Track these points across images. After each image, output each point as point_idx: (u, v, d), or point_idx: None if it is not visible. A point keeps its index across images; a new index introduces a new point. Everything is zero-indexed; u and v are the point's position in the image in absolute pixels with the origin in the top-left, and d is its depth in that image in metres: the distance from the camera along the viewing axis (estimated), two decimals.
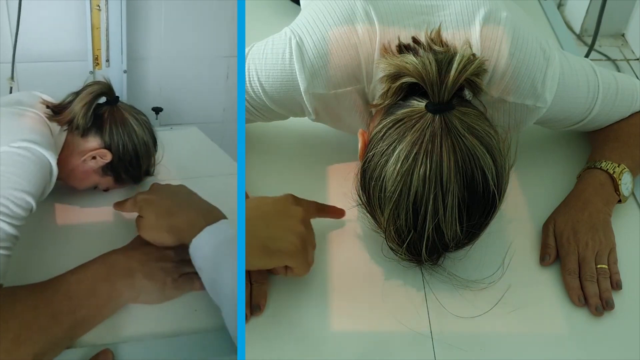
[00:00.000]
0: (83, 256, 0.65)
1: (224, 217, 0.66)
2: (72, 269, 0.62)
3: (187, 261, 0.65)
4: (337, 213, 0.78)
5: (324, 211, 0.77)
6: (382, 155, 0.63)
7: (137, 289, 0.64)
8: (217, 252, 0.61)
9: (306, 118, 0.81)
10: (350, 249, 0.77)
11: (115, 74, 1.42)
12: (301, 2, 0.89)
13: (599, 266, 0.72)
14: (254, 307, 0.69)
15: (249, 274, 0.72)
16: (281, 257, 0.66)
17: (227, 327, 0.58)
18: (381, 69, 0.67)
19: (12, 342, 0.52)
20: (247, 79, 0.78)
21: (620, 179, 0.79)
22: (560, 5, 2.18)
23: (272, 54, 0.75)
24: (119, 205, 0.76)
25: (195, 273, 0.65)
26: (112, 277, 0.63)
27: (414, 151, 0.60)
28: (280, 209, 0.70)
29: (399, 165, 0.61)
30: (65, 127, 0.82)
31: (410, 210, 0.61)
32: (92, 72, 1.41)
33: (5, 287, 0.58)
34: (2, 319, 0.53)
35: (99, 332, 0.61)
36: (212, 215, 0.66)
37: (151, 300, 0.65)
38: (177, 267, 0.67)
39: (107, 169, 0.85)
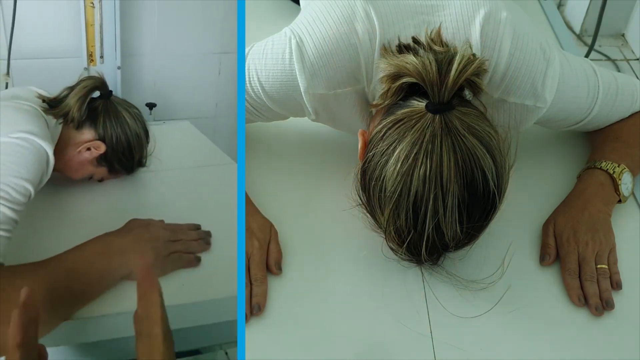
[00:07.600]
0: (79, 241, 0.69)
1: None
2: (69, 249, 0.67)
3: (176, 241, 0.74)
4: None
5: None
6: (382, 155, 0.63)
7: (130, 267, 0.68)
8: None
9: (306, 118, 0.81)
10: (351, 249, 0.77)
11: (109, 70, 1.44)
12: (301, 2, 0.89)
13: (599, 266, 0.72)
14: (254, 307, 0.69)
15: (249, 273, 0.72)
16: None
17: None
18: (381, 69, 0.67)
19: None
20: (247, 79, 0.78)
21: (620, 179, 0.79)
22: (560, 5, 2.18)
23: (272, 54, 0.75)
24: None
25: (183, 252, 0.74)
26: (107, 254, 0.68)
27: (414, 151, 0.60)
28: None
29: (399, 165, 0.61)
30: (60, 120, 0.85)
31: (410, 210, 0.61)
32: (86, 69, 1.42)
33: (7, 265, 0.63)
34: (3, 291, 0.57)
35: (94, 307, 0.66)
36: None
37: None
38: (167, 247, 0.73)
39: (102, 159, 0.90)
